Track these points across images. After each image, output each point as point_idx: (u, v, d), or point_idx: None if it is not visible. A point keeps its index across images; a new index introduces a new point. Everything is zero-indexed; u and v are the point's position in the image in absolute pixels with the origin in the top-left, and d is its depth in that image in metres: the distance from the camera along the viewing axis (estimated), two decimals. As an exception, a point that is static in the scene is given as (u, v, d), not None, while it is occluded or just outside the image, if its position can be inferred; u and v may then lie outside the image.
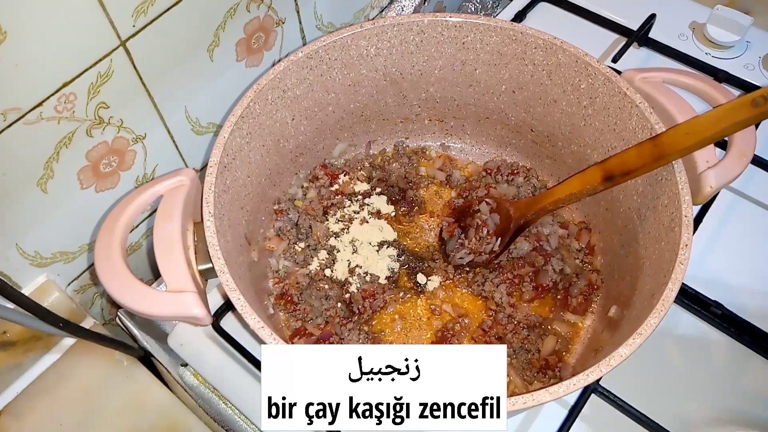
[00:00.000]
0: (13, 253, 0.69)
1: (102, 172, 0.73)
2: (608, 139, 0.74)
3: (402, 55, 0.79)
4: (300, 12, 0.87)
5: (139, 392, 0.72)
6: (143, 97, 0.72)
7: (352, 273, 0.80)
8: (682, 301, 0.76)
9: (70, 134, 0.65)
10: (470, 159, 0.92)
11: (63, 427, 0.69)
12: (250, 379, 0.74)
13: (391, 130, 0.91)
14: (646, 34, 1.01)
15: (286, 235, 0.81)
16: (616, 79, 0.70)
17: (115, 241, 0.61)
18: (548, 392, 0.51)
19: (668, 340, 0.75)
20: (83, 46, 0.61)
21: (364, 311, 0.77)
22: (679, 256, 0.59)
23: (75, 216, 0.73)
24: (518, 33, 0.75)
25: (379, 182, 0.87)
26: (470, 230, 0.80)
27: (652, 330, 0.54)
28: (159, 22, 0.67)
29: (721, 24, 1.00)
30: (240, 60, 0.82)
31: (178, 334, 0.78)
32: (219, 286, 0.81)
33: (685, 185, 0.63)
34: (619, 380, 0.68)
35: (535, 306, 0.78)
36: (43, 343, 0.73)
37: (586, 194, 0.69)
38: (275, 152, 0.77)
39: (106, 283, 0.59)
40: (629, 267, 0.71)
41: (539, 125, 0.83)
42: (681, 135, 0.62)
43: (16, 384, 0.71)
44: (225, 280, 0.59)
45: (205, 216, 0.62)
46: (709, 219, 0.80)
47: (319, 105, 0.80)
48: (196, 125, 0.82)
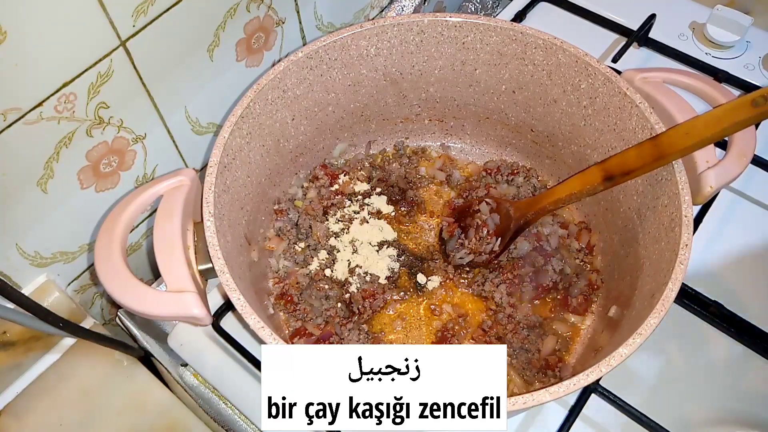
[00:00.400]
0: (13, 253, 0.69)
1: (102, 172, 0.73)
2: (608, 139, 0.74)
3: (402, 55, 0.79)
4: (300, 12, 0.87)
5: (139, 392, 0.72)
6: (143, 97, 0.72)
7: (352, 273, 0.80)
8: (682, 301, 0.76)
9: (70, 134, 0.65)
10: (470, 159, 0.92)
11: (63, 427, 0.69)
12: (250, 379, 0.74)
13: (391, 130, 0.91)
14: (646, 34, 1.01)
15: (286, 235, 0.81)
16: (616, 79, 0.70)
17: (115, 241, 0.61)
18: (548, 392, 0.51)
19: (668, 340, 0.75)
20: (83, 46, 0.61)
21: (364, 311, 0.77)
22: (679, 256, 0.59)
23: (75, 216, 0.73)
24: (518, 33, 0.75)
25: (379, 182, 0.87)
26: (470, 230, 0.80)
27: (652, 330, 0.54)
28: (159, 22, 0.67)
29: (721, 24, 1.00)
30: (240, 60, 0.82)
31: (178, 334, 0.78)
32: (219, 286, 0.81)
33: (685, 185, 0.63)
34: (619, 380, 0.68)
35: (535, 306, 0.78)
36: (43, 343, 0.73)
37: (586, 194, 0.69)
38: (275, 152, 0.77)
39: (106, 283, 0.59)
40: (629, 267, 0.71)
41: (539, 125, 0.83)
42: (681, 135, 0.62)
43: (16, 384, 0.71)
44: (225, 280, 0.59)
45: (205, 216, 0.62)
46: (709, 219, 0.80)
47: (319, 105, 0.80)
48: (196, 125, 0.82)
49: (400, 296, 0.79)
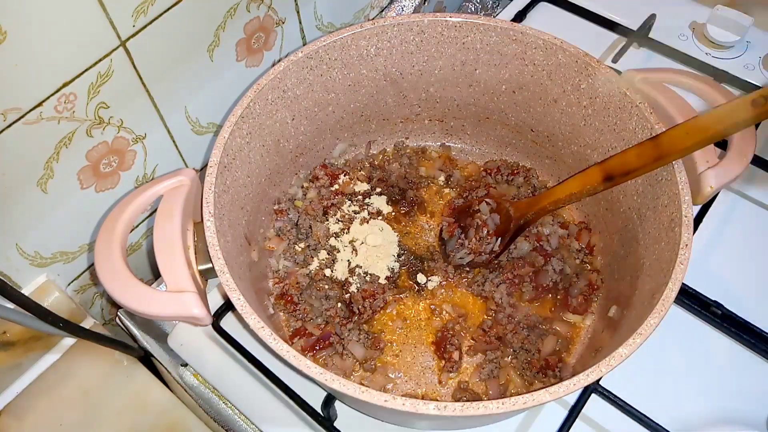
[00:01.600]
0: (13, 253, 0.69)
1: (102, 172, 0.73)
2: (608, 139, 0.74)
3: (402, 55, 0.79)
4: (300, 12, 0.87)
5: (139, 392, 0.72)
6: (143, 97, 0.72)
7: (352, 273, 0.80)
8: (682, 301, 0.76)
9: (70, 134, 0.65)
10: (470, 159, 0.92)
11: (63, 427, 0.69)
12: (250, 379, 0.74)
13: (391, 130, 0.91)
14: (646, 34, 1.01)
15: (286, 235, 0.81)
16: (616, 79, 0.70)
17: (115, 241, 0.61)
18: (548, 392, 0.51)
19: (668, 340, 0.75)
20: (83, 46, 0.61)
21: (364, 311, 0.77)
22: (679, 256, 0.59)
23: (75, 216, 0.73)
24: (518, 33, 0.75)
25: (379, 182, 0.87)
26: (470, 230, 0.80)
27: (652, 330, 0.54)
28: (159, 22, 0.67)
29: (721, 24, 1.00)
30: (240, 60, 0.82)
31: (178, 334, 0.78)
32: (219, 286, 0.81)
33: (685, 185, 0.63)
34: (619, 380, 0.68)
35: (535, 306, 0.78)
36: (43, 343, 0.73)
37: (586, 194, 0.69)
38: (275, 152, 0.77)
39: (106, 283, 0.59)
40: (629, 267, 0.71)
41: (539, 125, 0.83)
42: (681, 135, 0.62)
43: (16, 384, 0.71)
44: (225, 280, 0.59)
45: (205, 216, 0.62)
46: (709, 219, 0.80)
47: (319, 105, 0.80)
48: (196, 125, 0.82)
49: (400, 296, 0.79)
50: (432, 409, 0.50)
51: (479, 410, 0.50)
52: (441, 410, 0.50)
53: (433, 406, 0.50)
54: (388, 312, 0.78)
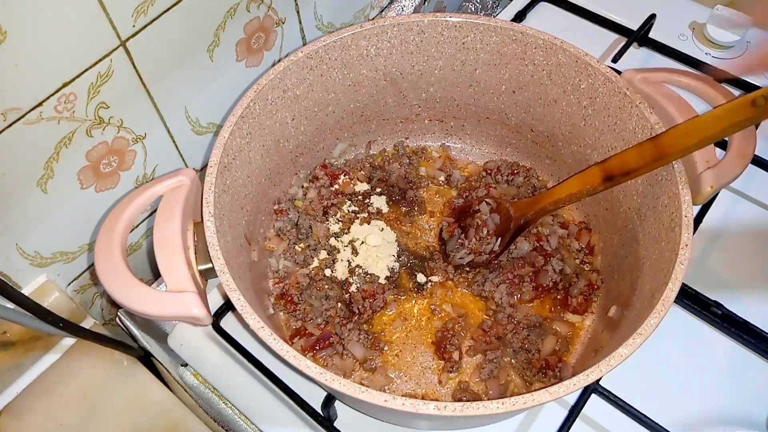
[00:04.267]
0: (13, 253, 0.69)
1: (102, 172, 0.73)
2: (608, 139, 0.74)
3: (402, 55, 0.79)
4: (300, 12, 0.87)
5: (139, 392, 0.72)
6: (143, 97, 0.72)
7: (352, 273, 0.80)
8: (682, 301, 0.76)
9: (70, 134, 0.65)
10: (470, 159, 0.92)
11: (63, 427, 0.69)
12: (250, 379, 0.74)
13: (391, 130, 0.91)
14: (646, 34, 1.01)
15: (286, 235, 0.81)
16: (616, 79, 0.70)
17: (115, 241, 0.61)
18: (548, 392, 0.51)
19: (668, 340, 0.75)
20: (83, 46, 0.61)
21: (364, 311, 0.77)
22: (679, 256, 0.59)
23: (75, 216, 0.73)
24: (518, 33, 0.75)
25: (379, 182, 0.87)
26: (470, 230, 0.80)
27: (652, 330, 0.54)
28: (159, 22, 0.67)
29: (721, 24, 1.00)
30: (240, 60, 0.82)
31: (178, 334, 0.78)
32: (219, 286, 0.81)
33: (685, 185, 0.63)
34: (619, 380, 0.68)
35: (535, 306, 0.78)
36: (43, 343, 0.73)
37: (586, 194, 0.69)
38: (275, 152, 0.77)
39: (106, 283, 0.59)
40: (629, 267, 0.71)
41: (539, 125, 0.83)
42: (681, 135, 0.62)
43: (16, 384, 0.71)
44: (225, 280, 0.59)
45: (205, 216, 0.62)
46: (709, 219, 0.80)
47: (319, 105, 0.80)
48: (196, 125, 0.82)
49: (400, 296, 0.79)
50: (432, 409, 0.50)
51: (479, 410, 0.50)
52: (441, 410, 0.50)
53: (433, 406, 0.50)
54: (388, 312, 0.78)
